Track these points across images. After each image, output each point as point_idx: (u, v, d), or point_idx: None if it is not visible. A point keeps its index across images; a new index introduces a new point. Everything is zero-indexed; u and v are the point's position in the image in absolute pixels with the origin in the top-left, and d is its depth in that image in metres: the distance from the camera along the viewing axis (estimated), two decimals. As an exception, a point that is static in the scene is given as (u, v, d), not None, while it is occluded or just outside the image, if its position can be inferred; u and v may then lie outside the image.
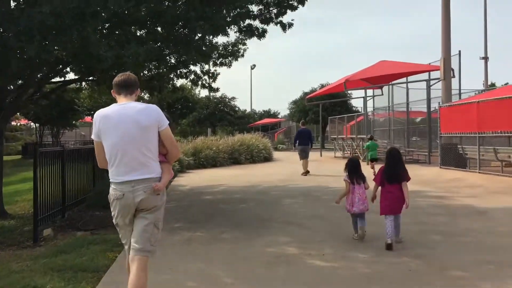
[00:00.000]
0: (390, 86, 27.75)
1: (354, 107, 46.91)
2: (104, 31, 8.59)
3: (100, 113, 3.60)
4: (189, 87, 36.22)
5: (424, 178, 14.35)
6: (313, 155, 28.64)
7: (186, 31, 9.22)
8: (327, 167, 19.99)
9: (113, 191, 3.56)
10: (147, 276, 3.57)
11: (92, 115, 37.05)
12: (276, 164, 22.97)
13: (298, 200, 10.10)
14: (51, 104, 33.76)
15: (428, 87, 22.25)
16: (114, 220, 3.68)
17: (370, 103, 32.29)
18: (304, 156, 16.87)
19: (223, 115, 51.78)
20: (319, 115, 44.16)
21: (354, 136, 25.10)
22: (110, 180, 3.60)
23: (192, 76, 11.90)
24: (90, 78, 11.07)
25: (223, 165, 21.29)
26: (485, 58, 37.51)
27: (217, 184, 13.53)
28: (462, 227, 7.10)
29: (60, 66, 10.01)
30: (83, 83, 12.92)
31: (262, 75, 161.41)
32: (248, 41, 11.93)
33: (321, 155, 29.34)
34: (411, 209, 8.14)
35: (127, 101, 3.60)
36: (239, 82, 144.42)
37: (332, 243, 6.18)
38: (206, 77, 12.16)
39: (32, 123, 41.01)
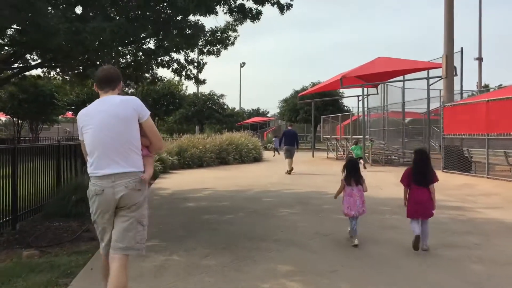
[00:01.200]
0: (386, 85, 26.56)
1: (346, 106, 45.78)
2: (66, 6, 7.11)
3: (81, 112, 3.55)
4: (176, 82, 34.71)
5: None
6: (304, 155, 27.39)
7: (167, 9, 7.77)
8: (321, 169, 18.61)
9: (92, 187, 3.43)
10: (127, 277, 3.44)
11: (73, 110, 35.42)
12: (267, 165, 21.56)
13: (296, 210, 8.68)
14: (29, 98, 32.07)
15: (428, 85, 20.99)
16: (92, 217, 3.52)
17: (364, 103, 31.09)
18: (289, 155, 16.79)
19: (211, 113, 50.23)
20: (310, 114, 43.05)
21: (349, 136, 23.76)
22: (90, 175, 3.46)
23: (175, 65, 10.42)
24: (60, 68, 9.58)
25: (210, 166, 19.85)
26: (479, 59, 36.72)
27: (202, 188, 12.07)
28: (504, 253, 5.69)
29: (20, 50, 8.54)
30: (52, 73, 11.38)
31: (251, 73, 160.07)
32: (239, 28, 10.52)
33: (313, 156, 28.03)
34: (433, 225, 6.85)
35: (106, 96, 3.53)
36: (228, 81, 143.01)
37: (349, 274, 4.77)
38: (191, 66, 10.69)
39: (12, 118, 38.97)
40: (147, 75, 10.63)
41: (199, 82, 10.93)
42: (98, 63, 8.87)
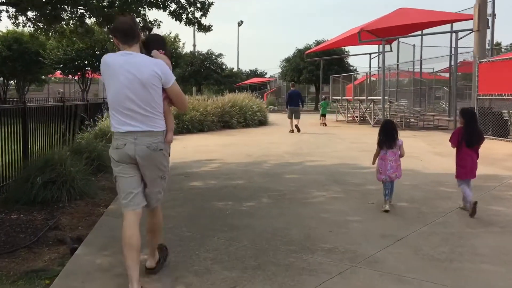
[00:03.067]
0: (398, 42, 24.29)
1: (352, 66, 43.44)
2: None
3: (104, 59, 3.40)
4: (172, 39, 32.22)
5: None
6: (311, 118, 25.26)
7: None
8: (336, 134, 16.54)
9: (114, 141, 3.38)
10: (161, 215, 3.75)
11: (61, 69, 32.92)
12: (274, 129, 19.53)
13: (334, 192, 6.65)
14: (14, 56, 29.65)
15: (457, 40, 18.74)
16: (114, 171, 3.45)
17: (375, 62, 28.83)
18: (292, 116, 17.13)
19: (209, 73, 47.65)
20: (314, 74, 40.62)
21: (363, 97, 21.58)
22: (112, 130, 3.40)
23: (173, 6, 8.16)
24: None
25: (212, 130, 17.79)
26: (493, 15, 34.32)
27: (207, 159, 10.03)
28: None
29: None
30: (20, 18, 9.11)
31: (248, 34, 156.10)
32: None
33: (320, 119, 25.91)
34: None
35: (131, 50, 3.35)
36: (224, 42, 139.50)
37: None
38: (193, 8, 8.43)
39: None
40: (137, 18, 8.39)
41: (203, 28, 8.69)
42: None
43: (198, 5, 8.36)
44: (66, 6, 7.25)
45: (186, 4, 8.29)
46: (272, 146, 12.71)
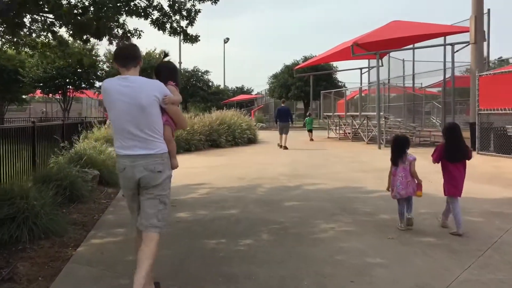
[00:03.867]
0: (389, 56, 23.82)
1: (340, 82, 43.05)
2: None
3: (103, 85, 3.51)
4: (157, 56, 31.37)
5: (479, 170, 10.30)
6: (301, 135, 24.48)
7: None
8: (330, 152, 15.66)
9: (117, 164, 3.54)
10: (154, 250, 3.35)
11: (41, 88, 31.81)
12: (265, 147, 18.62)
13: (344, 225, 5.71)
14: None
15: (452, 53, 18.15)
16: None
17: (365, 77, 28.28)
18: (283, 132, 17.52)
19: (195, 90, 46.90)
20: (302, 90, 40.05)
21: (357, 113, 20.82)
22: (115, 152, 3.53)
23: (156, 14, 7.28)
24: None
25: (199, 149, 16.82)
26: (488, 29, 34.19)
27: (195, 184, 9.07)
28: None
29: None
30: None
31: (234, 51, 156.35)
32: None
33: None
34: None
35: (128, 73, 3.43)
36: (209, 60, 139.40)
37: None
38: (178, 16, 7.55)
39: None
40: (117, 30, 7.49)
41: (189, 38, 7.80)
42: (38, 6, 5.73)
43: (184, 13, 7.49)
44: (32, 15, 6.35)
45: (170, 12, 7.41)
46: (266, 167, 11.81)
